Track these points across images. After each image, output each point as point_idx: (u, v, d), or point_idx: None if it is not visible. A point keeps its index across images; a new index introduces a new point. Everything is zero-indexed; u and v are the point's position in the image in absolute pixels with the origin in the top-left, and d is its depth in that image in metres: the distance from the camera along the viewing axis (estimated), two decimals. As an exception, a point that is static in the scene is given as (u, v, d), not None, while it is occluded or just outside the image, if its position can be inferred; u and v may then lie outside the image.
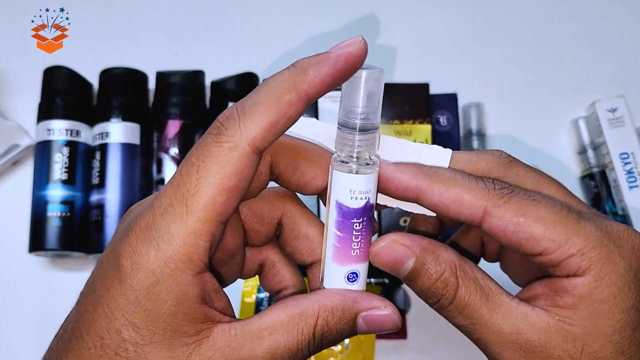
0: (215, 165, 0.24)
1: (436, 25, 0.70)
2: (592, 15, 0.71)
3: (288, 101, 0.24)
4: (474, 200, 0.26)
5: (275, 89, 0.24)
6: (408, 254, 0.27)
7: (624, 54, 0.70)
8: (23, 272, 0.62)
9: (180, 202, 0.24)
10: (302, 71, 0.24)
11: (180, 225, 0.24)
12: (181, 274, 0.24)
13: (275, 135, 0.24)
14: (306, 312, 0.26)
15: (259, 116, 0.24)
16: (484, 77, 0.69)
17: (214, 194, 0.24)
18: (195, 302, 0.25)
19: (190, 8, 0.70)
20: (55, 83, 0.60)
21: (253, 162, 0.24)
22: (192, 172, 0.24)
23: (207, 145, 0.24)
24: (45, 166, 0.58)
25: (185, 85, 0.61)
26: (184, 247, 0.24)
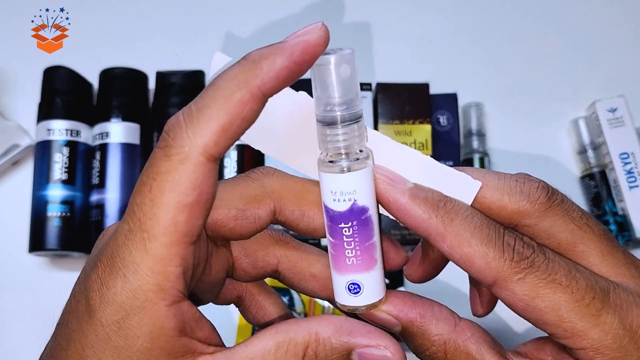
0: (167, 182, 0.21)
1: (436, 25, 0.70)
2: (592, 16, 0.71)
3: (239, 100, 0.21)
4: (485, 267, 0.24)
5: (224, 88, 0.22)
6: (393, 322, 0.26)
7: (623, 54, 0.70)
8: (23, 272, 0.62)
9: (138, 227, 0.22)
10: (253, 65, 0.22)
11: (144, 253, 0.21)
12: (153, 306, 0.22)
13: (230, 139, 0.22)
14: (295, 340, 0.24)
15: (208, 120, 0.21)
16: (484, 77, 0.69)
17: (173, 213, 0.21)
18: (172, 335, 0.22)
19: (190, 8, 0.70)
20: (55, 83, 0.60)
21: (210, 172, 0.22)
22: (145, 193, 0.22)
23: (156, 160, 0.22)
24: (45, 166, 0.58)
25: (185, 85, 0.61)
26: (152, 275, 0.21)
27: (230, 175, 0.58)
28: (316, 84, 0.24)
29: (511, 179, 0.25)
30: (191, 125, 0.21)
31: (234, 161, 0.58)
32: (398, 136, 0.59)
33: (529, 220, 0.25)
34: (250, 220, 0.26)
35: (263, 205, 0.26)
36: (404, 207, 0.24)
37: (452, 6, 0.71)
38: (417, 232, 0.25)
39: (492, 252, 0.24)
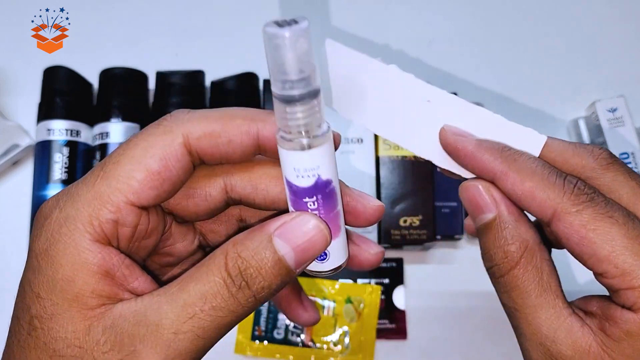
0: (144, 141, 0.23)
1: (436, 26, 0.71)
2: (591, 16, 0.71)
3: (237, 124, 0.24)
4: (545, 199, 0.24)
5: (234, 112, 0.24)
6: (491, 207, 0.25)
7: (623, 54, 0.70)
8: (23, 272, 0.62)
9: (100, 169, 0.23)
10: (267, 114, 0.24)
11: (89, 188, 0.23)
12: (79, 236, 0.22)
13: (213, 146, 0.24)
14: (214, 255, 0.23)
15: (205, 120, 0.24)
16: (483, 77, 0.69)
17: (133, 167, 0.23)
18: (96, 272, 0.22)
19: (190, 8, 0.70)
20: (55, 83, 0.60)
21: (181, 156, 0.23)
22: (123, 145, 0.24)
23: (148, 127, 0.24)
24: (45, 166, 0.58)
25: (186, 85, 0.61)
26: (85, 207, 0.22)
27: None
28: (270, 60, 0.23)
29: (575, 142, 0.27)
30: (190, 115, 0.24)
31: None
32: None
33: (591, 174, 0.25)
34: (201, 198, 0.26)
35: (213, 183, 0.26)
36: (471, 153, 0.26)
37: (452, 7, 0.71)
38: (482, 174, 0.26)
39: (552, 186, 0.24)
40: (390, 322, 0.60)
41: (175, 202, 0.26)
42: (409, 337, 0.61)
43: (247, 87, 0.61)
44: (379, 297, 0.60)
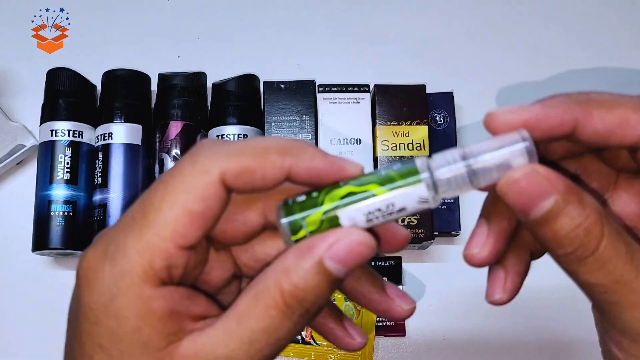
0: (183, 184, 0.23)
1: (434, 28, 0.71)
2: (589, 18, 0.72)
3: (271, 161, 0.23)
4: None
5: (268, 146, 0.24)
6: (549, 189, 0.22)
7: (620, 56, 0.71)
8: (27, 271, 0.63)
9: (142, 216, 0.23)
10: (300, 148, 0.24)
11: (138, 238, 0.23)
12: (139, 288, 0.22)
13: (247, 182, 0.23)
14: (266, 285, 0.23)
15: (239, 156, 0.23)
16: (481, 79, 0.69)
17: (177, 213, 0.23)
18: (162, 315, 0.23)
19: (192, 10, 0.71)
20: (58, 84, 0.61)
21: (221, 194, 0.23)
22: (160, 188, 0.23)
23: (182, 163, 0.24)
24: (49, 166, 0.59)
25: (187, 87, 0.61)
26: (139, 260, 0.22)
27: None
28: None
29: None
30: (226, 151, 0.23)
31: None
32: (396, 137, 0.60)
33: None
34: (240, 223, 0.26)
35: (253, 206, 0.26)
36: (541, 114, 0.24)
37: (450, 9, 0.72)
38: (563, 132, 0.24)
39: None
40: (389, 319, 0.61)
41: (215, 229, 0.26)
42: (408, 334, 0.61)
43: (247, 89, 0.62)
44: (378, 295, 0.61)
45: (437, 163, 0.24)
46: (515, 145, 0.23)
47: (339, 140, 0.60)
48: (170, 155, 0.60)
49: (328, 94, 0.61)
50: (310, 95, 0.61)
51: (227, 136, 0.60)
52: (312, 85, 0.61)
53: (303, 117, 0.60)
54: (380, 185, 0.23)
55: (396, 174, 0.24)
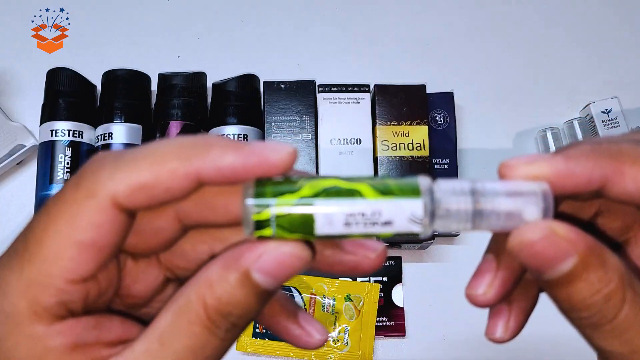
0: (66, 212, 0.20)
1: (434, 28, 0.71)
2: (587, 19, 0.72)
3: (172, 170, 0.20)
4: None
5: (165, 152, 0.20)
6: (570, 251, 0.20)
7: (618, 57, 0.71)
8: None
9: (23, 249, 0.20)
10: (204, 146, 0.20)
11: (19, 275, 0.20)
12: (29, 328, 0.20)
13: (147, 200, 0.20)
14: (188, 300, 0.21)
15: (131, 171, 0.20)
16: (480, 79, 0.69)
17: (62, 245, 0.20)
18: (64, 350, 0.20)
19: (192, 10, 0.71)
20: (58, 84, 0.61)
21: (116, 219, 0.20)
22: (42, 217, 0.20)
23: (65, 188, 0.20)
24: (49, 166, 0.59)
25: (187, 87, 0.61)
26: (22, 299, 0.20)
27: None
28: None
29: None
30: (112, 168, 0.20)
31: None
32: (396, 137, 0.60)
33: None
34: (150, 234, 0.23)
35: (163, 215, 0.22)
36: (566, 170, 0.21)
37: (450, 9, 0.72)
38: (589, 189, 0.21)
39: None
40: (389, 320, 0.61)
41: (125, 244, 0.23)
42: (408, 334, 0.62)
43: (247, 89, 0.62)
44: (378, 294, 0.61)
45: (442, 188, 0.21)
46: (533, 197, 0.21)
47: (339, 140, 0.60)
48: (171, 155, 0.60)
49: (328, 94, 0.61)
50: (310, 95, 0.61)
51: (228, 136, 0.60)
52: (312, 85, 0.61)
53: (303, 117, 0.61)
54: (372, 188, 0.20)
55: (394, 184, 0.21)
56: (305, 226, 0.20)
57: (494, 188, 0.21)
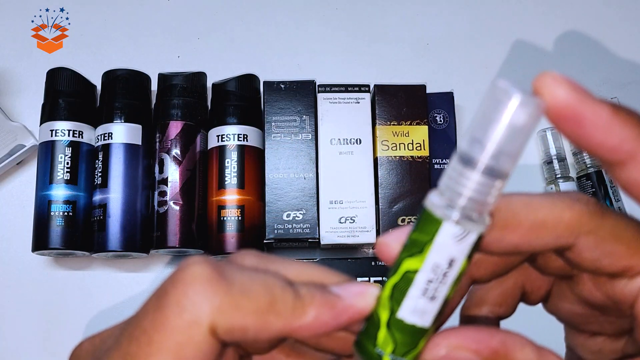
0: (170, 341, 0.19)
1: (434, 28, 0.71)
2: (586, 19, 0.72)
3: (271, 322, 0.20)
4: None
5: (270, 298, 0.20)
6: (474, 359, 0.21)
7: (617, 57, 0.71)
8: (26, 271, 0.63)
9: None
10: (302, 307, 0.20)
11: None
12: None
13: (239, 339, 0.20)
14: None
15: (236, 312, 0.20)
16: (480, 79, 0.69)
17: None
18: None
19: (192, 10, 0.71)
20: (58, 84, 0.61)
21: (214, 349, 0.20)
22: (142, 343, 0.20)
23: (166, 309, 0.20)
24: (49, 166, 0.59)
25: (187, 87, 0.61)
26: None
27: (231, 176, 0.59)
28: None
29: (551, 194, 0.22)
30: (219, 298, 0.20)
31: (234, 161, 0.59)
32: (396, 137, 0.60)
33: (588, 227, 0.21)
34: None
35: None
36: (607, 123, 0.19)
37: (450, 9, 0.72)
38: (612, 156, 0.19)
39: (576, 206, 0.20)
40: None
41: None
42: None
43: (247, 89, 0.62)
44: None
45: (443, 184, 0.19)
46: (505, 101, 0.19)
47: (339, 140, 0.60)
48: (170, 155, 0.60)
49: (328, 94, 0.61)
50: (310, 95, 0.61)
51: (227, 136, 0.60)
52: (312, 85, 0.61)
53: (303, 117, 0.61)
54: (412, 257, 0.20)
55: (417, 233, 0.20)
56: (414, 338, 0.20)
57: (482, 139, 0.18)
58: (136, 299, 0.62)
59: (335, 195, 0.59)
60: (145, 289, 0.63)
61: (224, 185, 0.59)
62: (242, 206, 0.58)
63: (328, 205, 0.59)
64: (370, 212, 0.59)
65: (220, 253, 0.58)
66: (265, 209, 0.58)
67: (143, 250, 0.60)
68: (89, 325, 0.62)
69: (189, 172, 0.59)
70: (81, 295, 0.62)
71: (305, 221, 0.58)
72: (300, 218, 0.58)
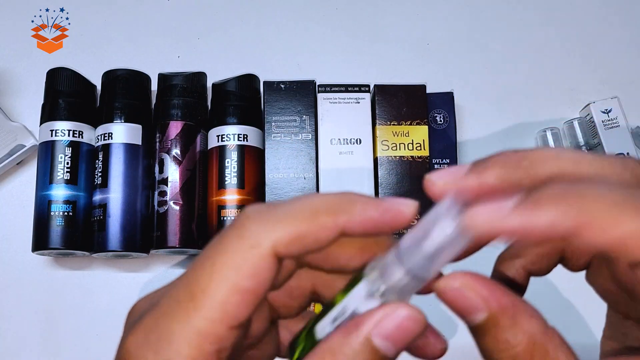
0: (231, 260, 0.21)
1: (434, 28, 0.71)
2: (586, 19, 0.72)
3: (322, 224, 0.22)
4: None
5: (316, 206, 0.22)
6: (481, 307, 0.21)
7: (617, 57, 0.71)
8: (27, 271, 0.63)
9: (187, 299, 0.21)
10: (349, 202, 0.22)
11: (185, 324, 0.21)
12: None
13: (299, 249, 0.22)
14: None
15: (288, 224, 0.22)
16: (480, 79, 0.69)
17: (227, 292, 0.21)
18: None
19: (192, 10, 0.71)
20: (58, 84, 0.61)
21: (272, 267, 0.22)
22: (206, 266, 0.22)
23: (227, 237, 0.22)
24: (49, 166, 0.59)
25: (187, 87, 0.61)
26: (186, 347, 0.21)
27: (231, 176, 0.59)
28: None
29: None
30: (273, 220, 0.22)
31: (234, 161, 0.59)
32: (396, 137, 0.60)
33: None
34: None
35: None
36: (525, 225, 0.19)
37: (450, 9, 0.72)
38: (551, 237, 0.19)
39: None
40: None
41: None
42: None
43: (247, 89, 0.62)
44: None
45: (381, 264, 0.23)
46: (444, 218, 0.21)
47: (339, 140, 0.60)
48: (170, 155, 0.60)
49: (328, 94, 0.61)
50: (310, 95, 0.61)
51: (227, 136, 0.60)
52: (312, 85, 0.61)
53: (303, 117, 0.61)
54: (340, 294, 0.23)
55: (351, 279, 0.24)
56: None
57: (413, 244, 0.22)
58: (136, 299, 0.62)
59: (335, 195, 0.59)
60: (145, 289, 0.63)
61: (224, 185, 0.59)
62: (242, 206, 0.58)
63: (328, 205, 0.59)
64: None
65: (220, 253, 0.58)
66: (265, 209, 0.58)
67: (143, 250, 0.60)
68: (89, 325, 0.62)
69: (189, 172, 0.60)
70: (81, 295, 0.62)
71: (305, 221, 0.58)
72: (300, 218, 0.58)
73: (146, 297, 0.24)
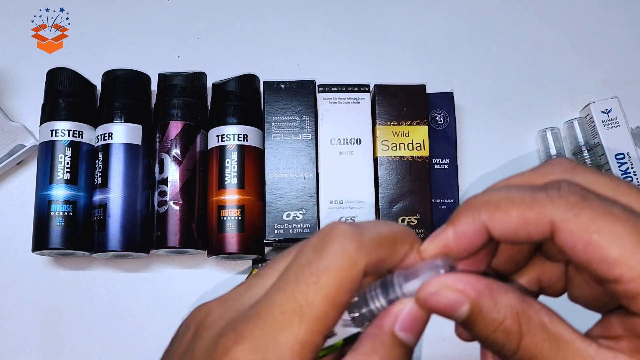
0: (335, 277, 0.23)
1: (434, 28, 0.71)
2: (586, 19, 0.72)
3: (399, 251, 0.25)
4: (537, 217, 0.23)
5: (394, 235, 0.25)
6: (461, 299, 0.24)
7: (617, 57, 0.71)
8: (27, 271, 0.63)
9: (293, 311, 0.23)
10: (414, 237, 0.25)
11: (290, 334, 0.22)
12: None
13: (377, 269, 0.24)
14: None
15: (379, 248, 0.24)
16: (480, 79, 0.69)
17: (329, 306, 0.23)
18: None
19: (192, 10, 0.71)
20: (58, 84, 0.61)
21: (360, 283, 0.24)
22: (311, 282, 0.23)
23: (330, 255, 0.23)
24: (49, 166, 0.59)
25: (187, 87, 0.61)
26: (290, 356, 0.22)
27: (231, 176, 0.59)
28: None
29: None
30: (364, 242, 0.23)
31: (234, 161, 0.59)
32: (396, 137, 0.60)
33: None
34: None
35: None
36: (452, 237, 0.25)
37: (450, 9, 0.72)
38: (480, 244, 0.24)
39: (538, 200, 0.23)
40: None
41: None
42: (407, 335, 0.62)
43: (247, 89, 0.62)
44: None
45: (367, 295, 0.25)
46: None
47: (339, 140, 0.60)
48: (170, 155, 0.60)
49: (328, 94, 0.61)
50: (310, 95, 0.61)
51: (227, 136, 0.60)
52: (312, 85, 0.61)
53: (303, 117, 0.61)
54: None
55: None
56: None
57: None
58: (136, 298, 0.62)
59: (335, 195, 0.59)
60: (145, 289, 0.63)
61: (224, 185, 0.59)
62: (242, 206, 0.58)
63: (328, 205, 0.59)
64: (370, 212, 0.59)
65: (220, 253, 0.58)
66: (265, 209, 0.58)
67: (143, 250, 0.60)
68: (89, 325, 0.62)
69: (189, 172, 0.60)
70: (81, 295, 0.62)
71: (306, 221, 0.58)
72: (300, 218, 0.58)
73: (219, 303, 0.25)
